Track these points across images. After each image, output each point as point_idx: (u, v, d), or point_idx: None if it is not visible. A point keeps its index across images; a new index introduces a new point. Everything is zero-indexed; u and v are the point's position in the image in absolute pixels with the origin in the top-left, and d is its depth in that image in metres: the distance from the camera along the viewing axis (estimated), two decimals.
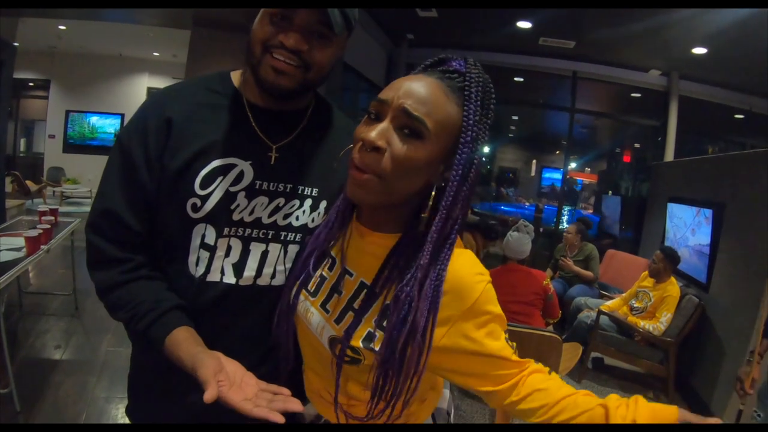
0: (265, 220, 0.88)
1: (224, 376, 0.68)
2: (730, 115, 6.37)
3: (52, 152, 9.89)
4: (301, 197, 0.90)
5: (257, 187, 0.86)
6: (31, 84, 9.97)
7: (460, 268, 0.73)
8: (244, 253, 0.87)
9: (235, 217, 0.85)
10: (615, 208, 6.39)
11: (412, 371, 0.71)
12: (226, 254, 0.86)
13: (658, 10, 3.81)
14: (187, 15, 5.95)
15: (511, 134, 8.73)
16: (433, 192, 0.73)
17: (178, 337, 0.79)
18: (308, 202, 0.91)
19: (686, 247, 3.88)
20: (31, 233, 2.74)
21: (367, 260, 0.79)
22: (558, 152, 7.77)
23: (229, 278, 0.87)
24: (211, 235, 0.85)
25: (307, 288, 0.84)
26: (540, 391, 0.74)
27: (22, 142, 10.44)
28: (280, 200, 0.88)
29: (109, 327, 3.41)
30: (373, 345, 0.74)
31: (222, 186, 0.84)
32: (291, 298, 0.85)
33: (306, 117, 0.94)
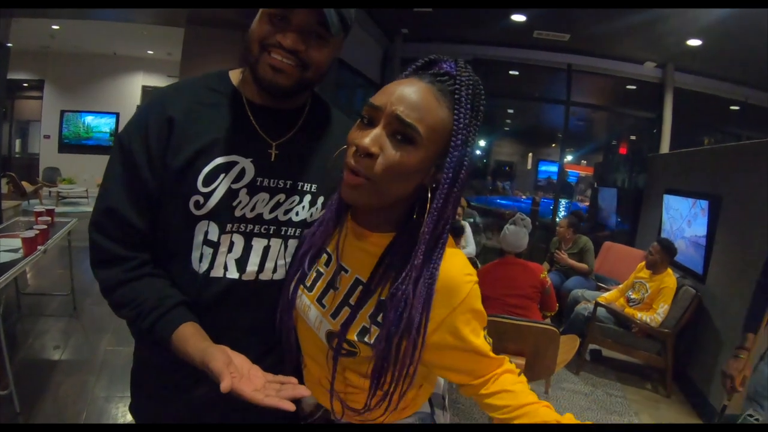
0: (267, 216, 0.89)
1: (234, 368, 0.70)
2: (725, 107, 6.38)
3: (47, 152, 9.88)
4: (301, 193, 0.92)
5: (258, 183, 0.88)
6: (25, 84, 9.93)
7: (451, 268, 0.76)
8: (247, 249, 0.89)
9: (238, 213, 0.87)
10: (611, 201, 6.40)
11: (408, 364, 0.75)
12: (229, 250, 0.88)
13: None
14: (181, 13, 5.93)
15: (507, 128, 8.73)
16: (428, 194, 0.75)
17: (185, 332, 0.80)
18: (307, 197, 0.93)
19: (682, 239, 3.90)
20: (28, 234, 2.74)
21: (362, 258, 0.81)
22: (554, 145, 7.77)
23: (233, 273, 0.88)
24: (214, 232, 0.86)
25: (305, 284, 0.87)
26: (508, 393, 0.79)
27: (17, 142, 10.40)
28: (281, 196, 0.90)
29: (107, 326, 3.41)
30: (367, 339, 0.78)
31: (224, 183, 0.86)
32: (290, 295, 0.87)
33: (303, 115, 0.95)
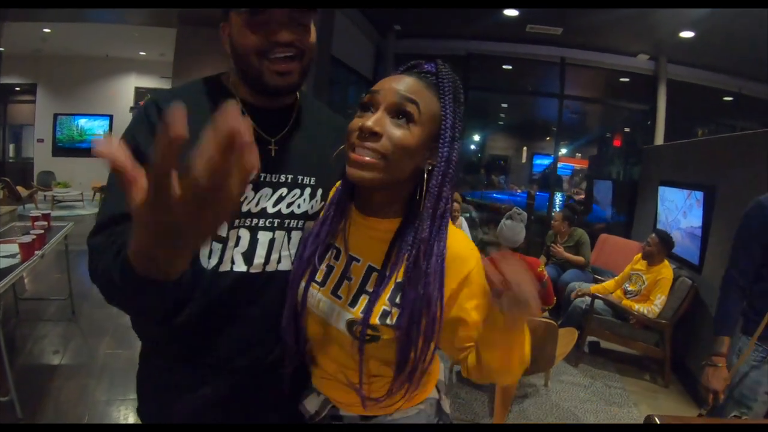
0: (270, 210, 0.92)
1: None
2: (719, 98, 6.41)
3: (41, 156, 9.81)
4: (301, 186, 0.96)
5: (262, 179, 0.91)
6: (18, 88, 9.85)
7: (456, 243, 0.84)
8: (253, 242, 0.91)
9: (244, 208, 0.90)
10: (606, 193, 6.43)
11: (429, 339, 0.80)
12: (236, 244, 0.90)
13: None
14: (173, 13, 5.91)
15: (501, 122, 8.74)
16: (425, 175, 0.82)
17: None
18: (307, 190, 0.96)
19: (678, 230, 3.92)
20: (25, 239, 2.73)
21: (371, 245, 0.86)
22: (548, 138, 7.79)
23: (240, 267, 0.90)
24: (222, 227, 0.87)
25: (315, 280, 0.89)
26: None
27: (11, 147, 10.33)
28: (283, 190, 0.94)
29: (106, 330, 3.42)
30: (389, 321, 0.82)
31: None
32: (300, 294, 0.89)
33: (294, 112, 0.99)
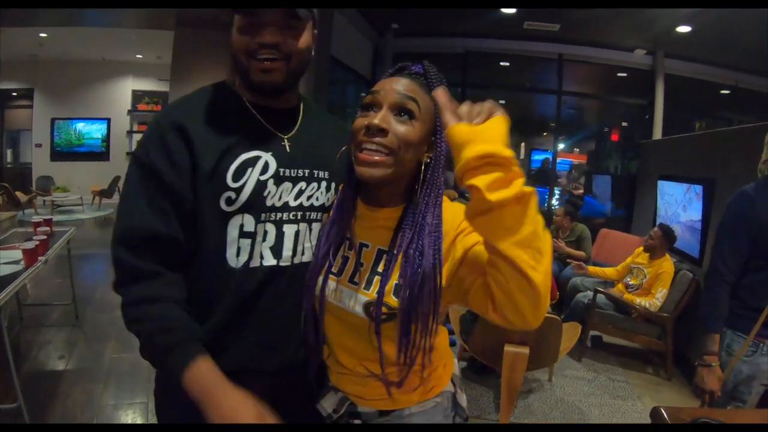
0: (292, 204, 0.96)
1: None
2: (716, 91, 6.43)
3: (39, 161, 9.80)
4: (318, 180, 1.00)
5: (281, 174, 0.95)
6: (15, 94, 9.85)
7: (450, 208, 0.90)
8: (279, 236, 0.95)
9: (268, 203, 0.94)
10: (605, 187, 6.45)
11: (431, 308, 0.84)
12: (263, 239, 0.94)
13: None
14: (170, 16, 5.91)
15: None
16: (422, 167, 0.89)
17: (202, 366, 0.83)
18: (323, 184, 1.01)
19: (678, 224, 3.93)
20: (28, 245, 2.73)
21: (379, 232, 0.92)
22: (545, 134, 7.81)
23: (269, 261, 0.94)
24: (250, 223, 0.92)
25: (332, 272, 0.94)
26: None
27: (9, 152, 10.33)
28: (302, 184, 0.98)
29: (111, 334, 3.42)
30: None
31: (253, 176, 0.92)
32: (318, 289, 0.93)
33: (299, 112, 1.04)
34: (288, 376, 0.99)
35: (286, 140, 0.98)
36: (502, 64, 6.65)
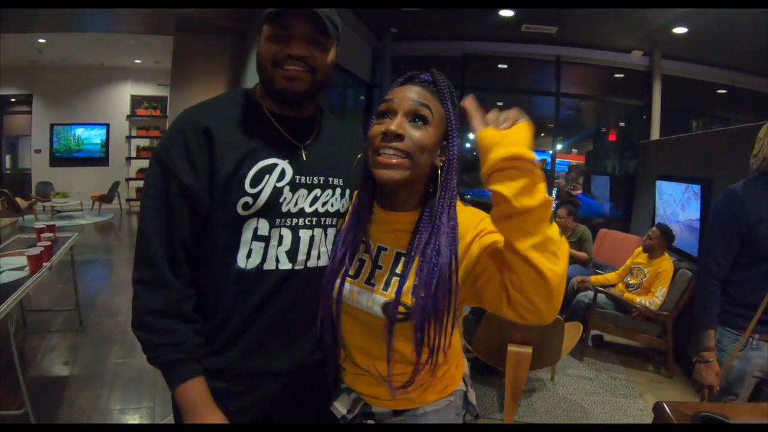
0: (308, 210, 1.00)
1: None
2: (713, 91, 6.47)
3: (39, 167, 9.82)
4: (333, 187, 1.04)
5: (297, 181, 0.98)
6: (13, 99, 9.87)
7: (465, 211, 0.94)
8: (295, 241, 0.98)
9: (284, 209, 0.97)
10: (604, 188, 6.48)
11: (446, 308, 0.87)
12: (279, 243, 0.97)
13: None
14: (169, 21, 5.92)
15: None
16: (439, 171, 0.92)
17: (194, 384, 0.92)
18: (338, 190, 1.04)
19: (677, 223, 3.97)
20: (33, 251, 2.73)
21: (396, 235, 0.96)
22: (543, 134, 7.86)
23: (285, 264, 0.97)
24: (264, 227, 0.95)
25: (349, 274, 0.97)
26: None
27: (8, 158, 10.33)
28: (317, 191, 1.01)
29: (115, 339, 3.43)
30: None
31: (270, 183, 0.95)
32: (335, 291, 0.96)
33: (316, 121, 1.07)
34: (301, 377, 1.02)
35: (302, 149, 1.01)
36: (500, 66, 6.70)
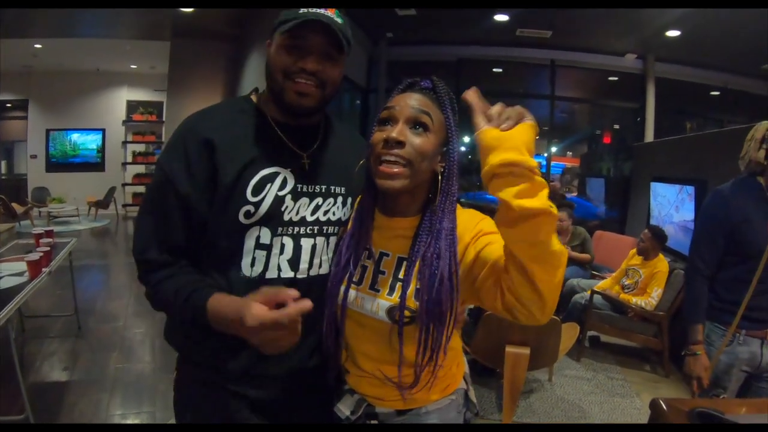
0: (309, 218, 1.00)
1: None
2: (706, 93, 6.54)
3: (34, 172, 9.78)
4: (334, 195, 1.04)
5: (299, 190, 0.99)
6: (9, 105, 9.85)
7: (464, 213, 0.96)
8: (297, 249, 0.99)
9: (286, 217, 0.97)
10: (599, 190, 6.52)
11: (448, 312, 0.88)
12: (281, 252, 0.97)
13: None
14: (165, 26, 5.95)
15: None
16: (439, 177, 0.94)
17: (219, 297, 0.91)
18: (340, 199, 1.05)
19: (671, 224, 4.01)
20: (32, 257, 2.73)
21: (397, 241, 0.97)
22: (537, 138, 7.93)
23: (287, 273, 0.98)
24: (266, 236, 0.96)
25: (353, 281, 0.98)
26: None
27: (3, 164, 10.29)
28: (319, 200, 1.02)
29: (114, 344, 3.43)
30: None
31: (272, 192, 0.96)
32: (340, 297, 0.97)
33: (320, 130, 1.07)
34: (298, 379, 1.03)
35: (305, 157, 1.01)
36: (495, 70, 6.75)
